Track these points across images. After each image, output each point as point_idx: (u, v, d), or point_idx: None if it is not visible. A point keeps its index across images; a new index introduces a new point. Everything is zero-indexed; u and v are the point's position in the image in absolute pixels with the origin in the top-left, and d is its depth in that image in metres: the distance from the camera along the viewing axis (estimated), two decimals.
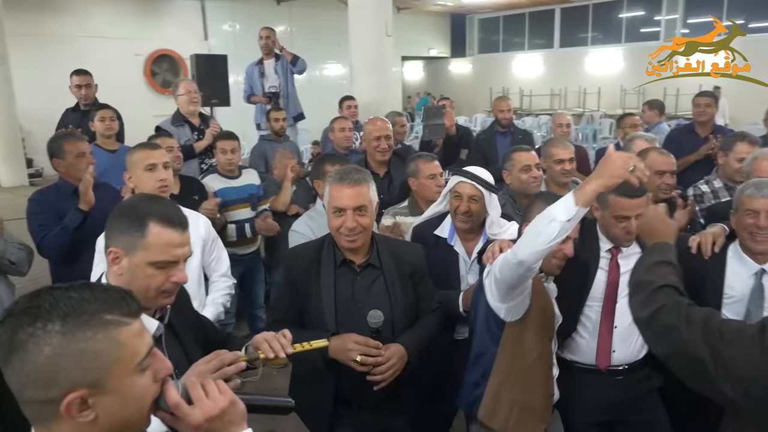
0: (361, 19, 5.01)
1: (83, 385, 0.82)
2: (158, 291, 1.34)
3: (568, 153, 2.94)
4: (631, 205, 2.00)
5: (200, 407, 0.97)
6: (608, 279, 2.10)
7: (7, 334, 0.81)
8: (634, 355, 2.12)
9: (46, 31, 10.78)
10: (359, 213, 1.83)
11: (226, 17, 13.24)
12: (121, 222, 1.35)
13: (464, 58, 18.86)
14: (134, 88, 11.54)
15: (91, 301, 0.84)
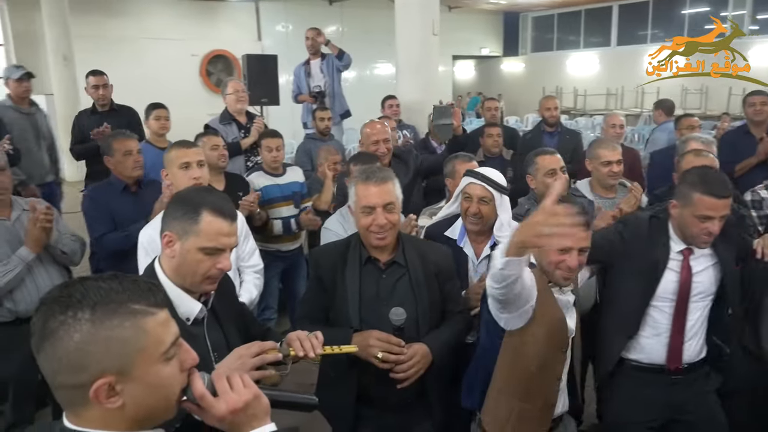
0: (408, 17, 4.98)
1: (111, 371, 0.85)
2: (204, 276, 1.42)
3: (616, 155, 2.82)
4: (717, 205, 1.91)
5: (225, 399, 0.99)
6: (680, 280, 2.04)
7: (40, 321, 0.85)
8: (696, 355, 2.09)
9: (108, 32, 11.28)
10: (388, 210, 1.83)
11: (279, 18, 13.49)
12: (177, 209, 1.44)
13: (517, 57, 18.55)
14: (190, 87, 11.93)
15: (119, 291, 0.87)
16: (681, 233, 2.05)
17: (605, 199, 2.81)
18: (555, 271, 1.77)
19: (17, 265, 2.43)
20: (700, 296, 2.06)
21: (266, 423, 1.03)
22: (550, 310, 1.80)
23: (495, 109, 5.49)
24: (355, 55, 13.60)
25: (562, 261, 1.74)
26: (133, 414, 0.89)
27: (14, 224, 2.53)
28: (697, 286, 2.04)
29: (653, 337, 2.08)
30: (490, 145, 4.49)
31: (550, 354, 1.83)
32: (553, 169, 2.64)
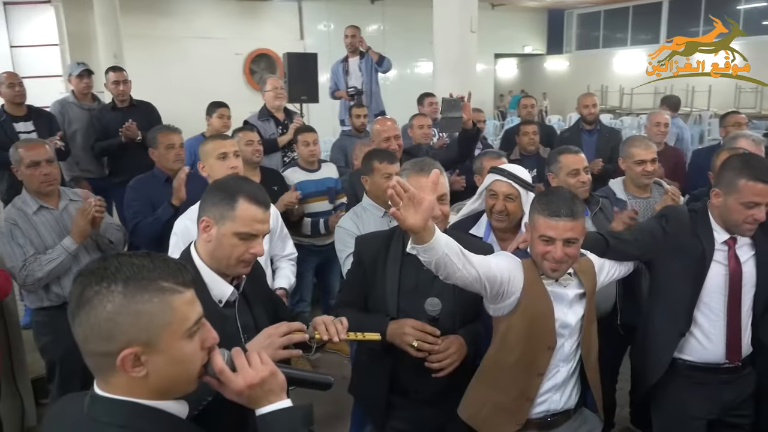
0: (446, 15, 4.95)
1: (138, 342, 0.90)
2: (238, 260, 1.49)
3: (650, 153, 2.74)
4: (765, 190, 1.87)
5: (243, 375, 1.05)
6: (729, 271, 1.99)
7: (77, 290, 0.92)
8: (745, 351, 2.06)
9: (156, 32, 11.66)
10: (441, 201, 1.83)
11: (322, 17, 13.64)
12: (215, 195, 1.51)
13: (561, 55, 18.21)
14: (233, 85, 12.20)
15: (150, 269, 0.93)
16: (723, 222, 1.99)
17: (639, 198, 2.73)
18: (543, 262, 1.76)
19: (60, 254, 2.54)
20: (746, 288, 2.01)
21: (282, 399, 1.08)
22: (535, 302, 1.78)
23: (531, 106, 5.42)
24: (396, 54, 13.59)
25: (547, 252, 1.73)
26: (156, 384, 0.94)
27: (61, 214, 2.66)
28: (744, 276, 2.00)
29: (707, 336, 2.03)
30: (525, 143, 4.45)
31: (530, 348, 1.80)
32: (576, 169, 2.57)
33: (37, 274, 2.49)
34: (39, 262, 2.50)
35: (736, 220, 1.94)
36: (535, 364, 1.82)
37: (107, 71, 4.54)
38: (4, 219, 2.56)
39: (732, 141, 2.76)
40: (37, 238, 2.56)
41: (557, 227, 1.70)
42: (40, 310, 2.64)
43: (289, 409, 1.08)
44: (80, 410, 0.95)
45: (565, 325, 1.82)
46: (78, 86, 4.44)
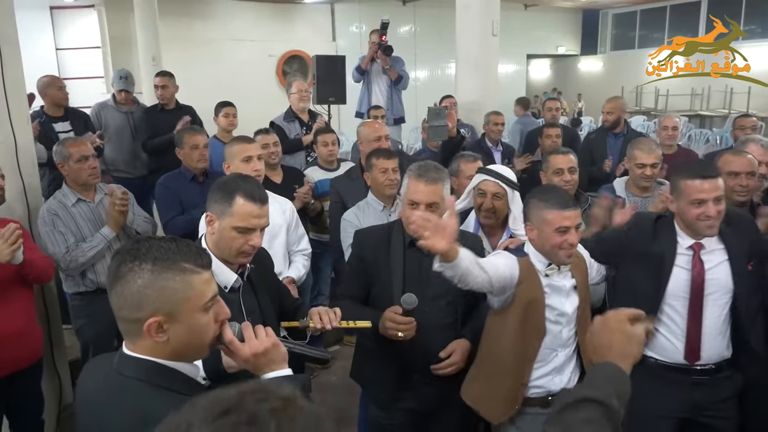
0: (468, 18, 5.04)
1: (162, 312, 1.07)
2: (238, 251, 1.66)
3: (651, 158, 2.82)
4: (705, 186, 1.96)
5: (249, 345, 1.21)
6: (692, 276, 2.05)
7: (114, 266, 1.10)
8: (721, 355, 2.09)
9: (193, 34, 12.02)
10: (431, 209, 1.96)
11: (353, 19, 13.82)
12: (216, 193, 1.70)
13: (595, 55, 17.95)
14: (267, 86, 12.48)
15: (175, 252, 1.10)
16: (686, 227, 2.07)
17: (639, 197, 2.83)
18: (559, 252, 1.90)
19: (100, 242, 2.77)
20: (717, 294, 2.05)
21: (283, 367, 1.24)
22: (529, 294, 1.92)
23: (556, 109, 5.47)
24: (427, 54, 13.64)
25: (564, 240, 1.87)
26: (174, 348, 1.11)
27: (97, 206, 2.88)
28: (712, 282, 2.04)
29: (670, 336, 2.09)
30: (548, 146, 4.50)
31: (523, 338, 1.94)
32: (560, 169, 2.72)
33: (80, 259, 2.73)
34: (81, 249, 2.74)
35: (691, 219, 2.01)
36: (528, 352, 1.96)
37: (156, 75, 4.89)
38: (45, 210, 2.79)
39: (742, 145, 2.77)
40: (75, 228, 2.79)
41: (570, 217, 1.87)
42: (77, 294, 2.87)
43: (289, 377, 1.23)
44: (110, 365, 1.12)
45: (563, 314, 1.96)
46: (117, 97, 4.71)
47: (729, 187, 2.42)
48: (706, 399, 2.08)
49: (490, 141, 4.75)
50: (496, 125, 4.72)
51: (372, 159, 2.74)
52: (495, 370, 1.99)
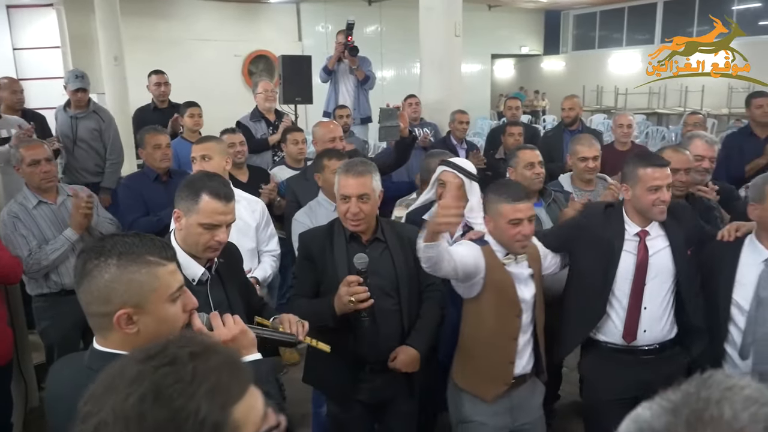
0: (431, 19, 5.13)
1: (130, 305, 1.11)
2: (205, 246, 1.72)
3: (593, 152, 3.00)
4: (661, 173, 2.11)
5: (218, 333, 1.27)
6: (637, 261, 2.19)
7: (80, 263, 1.14)
8: (665, 335, 2.23)
9: (157, 34, 11.86)
10: (362, 200, 2.07)
11: (319, 19, 13.82)
12: (184, 191, 1.75)
13: (557, 55, 18.34)
14: (232, 86, 12.39)
15: (139, 246, 1.14)
16: (637, 214, 2.21)
17: (584, 191, 3.00)
18: (514, 242, 2.05)
19: (63, 244, 2.76)
20: (660, 278, 2.20)
21: (253, 352, 1.30)
22: (499, 279, 2.07)
23: (516, 108, 5.62)
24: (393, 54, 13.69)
25: (518, 232, 2.02)
26: (145, 340, 1.12)
27: (59, 208, 2.87)
28: (654, 267, 2.19)
29: (615, 318, 2.24)
30: (510, 144, 4.63)
31: (502, 317, 2.08)
32: (531, 162, 2.84)
33: (43, 262, 2.71)
34: (44, 251, 2.72)
35: (647, 206, 2.15)
36: (509, 330, 2.10)
37: (150, 74, 4.88)
38: (6, 213, 2.77)
39: (688, 141, 2.93)
40: (38, 230, 2.77)
41: (523, 209, 2.01)
42: (40, 296, 2.86)
43: (259, 360, 1.30)
44: (80, 363, 1.15)
45: (523, 300, 2.11)
46: (73, 98, 4.43)
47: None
48: (654, 377, 2.19)
49: (455, 139, 4.86)
50: (461, 123, 4.84)
51: (323, 160, 2.81)
52: (482, 352, 2.13)
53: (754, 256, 2.14)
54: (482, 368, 2.14)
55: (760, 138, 3.90)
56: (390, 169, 3.58)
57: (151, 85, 4.90)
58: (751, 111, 4.04)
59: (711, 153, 2.89)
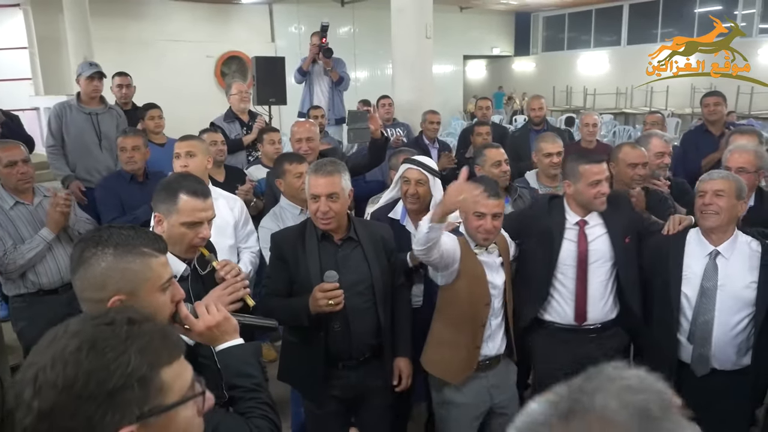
0: (403, 21, 5.26)
1: (124, 292, 1.18)
2: (189, 244, 1.78)
3: (556, 147, 3.18)
4: (600, 169, 2.30)
5: (202, 320, 1.35)
6: (578, 249, 2.37)
7: (78, 251, 1.21)
8: (605, 316, 2.41)
9: (128, 35, 11.75)
10: (331, 199, 2.12)
11: (292, 19, 13.84)
12: (161, 195, 1.80)
13: (528, 56, 18.68)
14: (205, 87, 12.36)
15: (134, 237, 1.23)
16: (578, 205, 2.39)
17: (548, 187, 3.15)
18: (477, 234, 2.20)
19: (39, 243, 2.78)
20: (599, 262, 2.39)
21: (235, 338, 1.39)
22: (471, 268, 2.21)
23: (486, 108, 5.76)
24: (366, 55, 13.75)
25: (480, 225, 2.17)
26: None
27: (36, 208, 2.89)
28: (594, 252, 2.38)
29: (561, 301, 2.41)
30: (479, 143, 4.76)
31: (474, 304, 2.22)
32: (498, 161, 2.98)
33: (18, 261, 2.73)
34: (20, 251, 2.74)
35: (589, 198, 2.34)
36: (478, 317, 2.24)
37: (113, 75, 4.80)
38: None
39: (644, 139, 3.11)
40: (14, 230, 2.78)
41: (488, 205, 2.14)
42: (17, 297, 2.86)
43: (242, 345, 1.38)
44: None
45: (494, 286, 2.26)
46: (87, 88, 4.13)
47: (628, 176, 2.77)
48: (598, 352, 2.38)
49: (427, 138, 4.97)
50: (432, 123, 4.95)
51: (285, 164, 2.84)
52: (451, 337, 2.26)
53: (699, 249, 2.28)
54: (451, 353, 2.26)
55: (714, 135, 4.11)
56: (365, 170, 3.63)
57: (113, 86, 4.81)
58: (702, 110, 4.27)
59: (668, 149, 3.12)
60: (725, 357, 2.22)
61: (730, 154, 2.69)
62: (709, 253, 2.25)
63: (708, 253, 2.25)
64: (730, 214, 2.20)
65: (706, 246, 2.26)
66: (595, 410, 0.53)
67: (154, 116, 4.27)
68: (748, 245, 2.23)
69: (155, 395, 0.81)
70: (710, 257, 2.24)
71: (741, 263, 2.21)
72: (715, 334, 2.21)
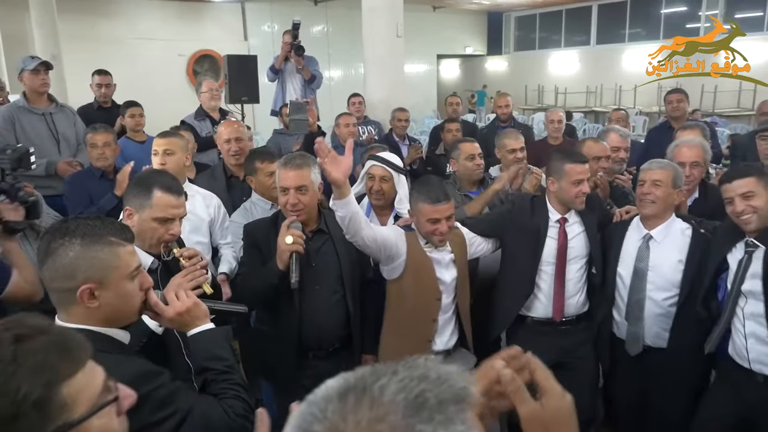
0: (374, 20, 5.31)
1: (93, 280, 1.21)
2: (159, 240, 1.80)
3: (519, 143, 3.29)
4: (583, 169, 2.39)
5: (172, 306, 1.39)
6: (558, 245, 2.45)
7: (45, 243, 1.24)
8: (579, 309, 2.52)
9: (96, 33, 11.57)
10: (300, 192, 2.17)
11: (265, 18, 13.77)
12: (134, 189, 1.83)
13: (500, 55, 18.89)
14: (176, 86, 12.23)
15: (101, 227, 1.26)
16: (559, 203, 2.47)
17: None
18: (432, 237, 2.24)
19: None
20: (576, 259, 2.49)
21: (206, 323, 1.43)
22: (419, 262, 2.26)
23: (457, 104, 5.86)
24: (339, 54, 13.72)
25: (435, 229, 2.21)
26: (106, 314, 1.25)
27: None
28: (572, 249, 2.48)
29: (542, 297, 2.50)
30: (449, 139, 4.84)
31: (421, 299, 2.26)
32: (472, 154, 3.06)
33: None
34: None
35: (571, 197, 2.42)
36: (428, 311, 2.28)
37: (93, 74, 4.78)
38: None
39: (603, 134, 3.25)
40: None
41: (441, 210, 2.18)
42: None
43: (212, 329, 1.42)
44: None
45: (442, 282, 2.29)
46: (33, 83, 3.80)
47: (592, 169, 2.86)
48: (570, 344, 2.49)
49: (396, 136, 5.04)
50: (400, 121, 5.02)
51: (256, 163, 2.87)
52: (403, 330, 2.30)
53: (636, 233, 2.43)
54: (403, 346, 2.28)
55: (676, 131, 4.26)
56: None
57: (93, 84, 4.82)
58: (666, 107, 4.43)
59: (625, 144, 3.24)
60: (655, 335, 2.36)
61: (677, 149, 2.79)
62: (643, 236, 2.39)
63: (642, 236, 2.39)
64: (666, 202, 2.33)
65: (642, 230, 2.41)
66: (372, 391, 0.54)
67: (134, 114, 4.27)
68: (682, 232, 2.36)
69: (58, 414, 0.75)
70: (644, 240, 2.38)
71: (671, 247, 2.34)
72: (646, 313, 2.35)
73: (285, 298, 2.18)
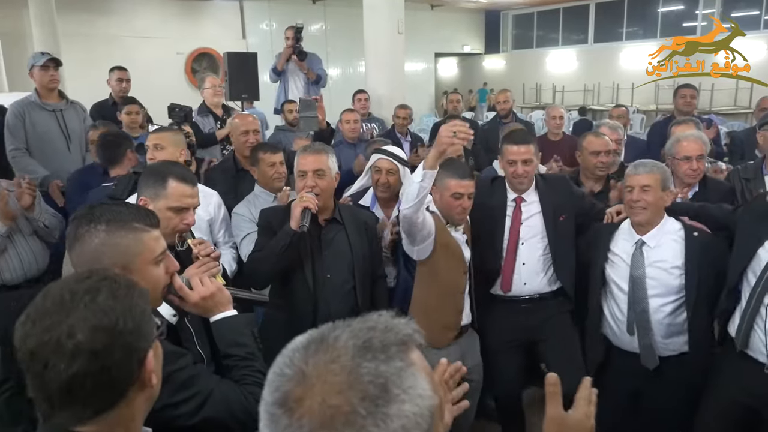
0: (375, 18, 5.33)
1: (118, 265, 1.21)
2: (174, 230, 1.80)
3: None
4: (517, 150, 2.44)
5: (197, 291, 1.40)
6: (512, 223, 2.52)
7: (73, 229, 1.25)
8: (544, 287, 2.53)
9: (95, 31, 11.56)
10: (318, 175, 2.21)
11: (264, 16, 13.79)
12: (149, 178, 1.83)
13: (498, 54, 18.93)
14: (175, 84, 12.23)
15: (126, 214, 1.27)
16: (511, 184, 2.54)
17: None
18: (455, 214, 2.31)
19: None
20: (536, 238, 2.52)
21: (229, 309, 1.44)
22: (448, 241, 2.34)
23: (457, 101, 5.88)
24: (338, 52, 13.79)
25: (459, 204, 2.29)
26: None
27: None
28: (530, 229, 2.52)
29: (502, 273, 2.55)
30: None
31: (452, 274, 2.35)
32: None
33: None
34: None
35: (509, 177, 2.51)
36: (458, 285, 2.38)
37: (112, 69, 4.81)
38: None
39: (596, 127, 3.29)
40: None
41: (465, 185, 2.27)
42: None
43: (235, 315, 1.43)
44: None
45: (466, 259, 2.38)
46: (42, 79, 3.77)
47: (592, 163, 2.90)
48: (537, 322, 2.52)
49: (399, 132, 5.06)
50: (400, 118, 5.05)
51: (259, 153, 2.87)
52: (435, 305, 2.35)
53: (628, 238, 2.33)
54: (436, 320, 2.33)
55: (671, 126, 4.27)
56: None
57: (112, 80, 4.79)
58: (676, 101, 4.42)
59: (615, 135, 3.31)
60: (664, 344, 2.27)
61: (680, 144, 2.72)
62: (635, 242, 2.30)
63: (635, 242, 2.31)
64: (657, 206, 2.25)
65: (634, 236, 2.32)
66: (328, 340, 0.64)
67: (131, 111, 4.26)
68: (675, 233, 2.27)
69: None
70: (636, 246, 2.30)
71: (666, 251, 2.25)
72: (653, 323, 2.25)
73: (299, 282, 2.21)
